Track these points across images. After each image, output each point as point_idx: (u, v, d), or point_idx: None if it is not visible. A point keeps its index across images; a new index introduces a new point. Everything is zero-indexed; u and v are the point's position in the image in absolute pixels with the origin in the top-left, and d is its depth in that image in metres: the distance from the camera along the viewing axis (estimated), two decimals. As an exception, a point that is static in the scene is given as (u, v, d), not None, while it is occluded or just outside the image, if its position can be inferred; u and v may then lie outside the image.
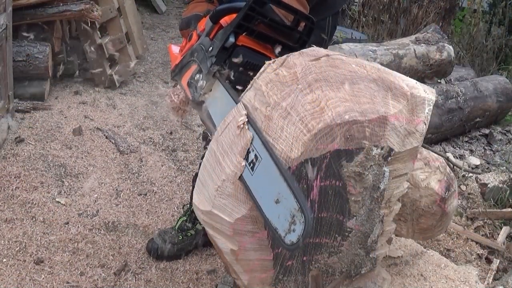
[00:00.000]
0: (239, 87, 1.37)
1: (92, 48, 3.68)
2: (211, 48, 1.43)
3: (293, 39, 1.45)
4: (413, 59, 3.85)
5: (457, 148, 3.94)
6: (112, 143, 3.12)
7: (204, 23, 1.53)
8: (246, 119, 1.22)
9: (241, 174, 1.22)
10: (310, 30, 1.43)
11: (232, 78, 1.39)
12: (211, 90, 1.43)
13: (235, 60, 1.41)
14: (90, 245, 2.27)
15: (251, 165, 1.20)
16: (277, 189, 1.16)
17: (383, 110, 1.23)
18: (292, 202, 1.14)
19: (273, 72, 1.25)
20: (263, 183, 1.19)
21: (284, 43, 1.45)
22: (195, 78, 1.45)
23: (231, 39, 1.39)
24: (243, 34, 1.41)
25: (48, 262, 2.13)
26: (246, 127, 1.22)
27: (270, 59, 1.35)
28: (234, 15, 1.42)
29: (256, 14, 1.38)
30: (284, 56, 1.29)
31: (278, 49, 1.45)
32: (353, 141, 1.20)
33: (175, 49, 1.68)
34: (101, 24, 3.81)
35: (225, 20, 1.45)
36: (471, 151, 3.93)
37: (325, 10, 1.80)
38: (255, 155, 1.20)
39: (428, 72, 3.96)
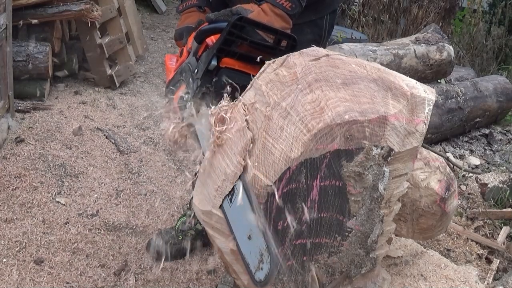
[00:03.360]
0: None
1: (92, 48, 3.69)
2: (196, 70, 1.45)
3: (276, 57, 1.46)
4: (413, 59, 3.85)
5: (457, 148, 3.94)
6: (112, 143, 3.12)
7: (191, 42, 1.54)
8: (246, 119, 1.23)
9: (221, 203, 1.24)
10: (292, 47, 1.44)
11: (218, 100, 1.40)
12: (198, 111, 1.44)
13: (220, 82, 1.42)
14: (90, 245, 2.27)
15: (230, 196, 1.22)
16: (249, 226, 1.19)
17: (383, 110, 1.23)
18: (261, 241, 1.17)
19: (273, 72, 1.25)
20: (238, 217, 1.22)
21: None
22: (184, 98, 1.47)
23: (214, 63, 1.42)
24: (226, 56, 1.42)
25: (48, 262, 2.13)
26: (246, 127, 1.22)
27: None
28: (219, 35, 1.43)
29: (235, 38, 1.40)
30: (284, 56, 1.29)
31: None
32: (353, 141, 1.20)
33: (171, 60, 1.68)
34: (101, 24, 3.81)
35: (210, 39, 1.46)
36: (471, 151, 3.93)
37: (323, 8, 1.79)
38: (233, 187, 1.22)
39: (428, 72, 3.97)
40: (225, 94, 1.33)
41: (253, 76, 1.42)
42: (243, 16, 1.40)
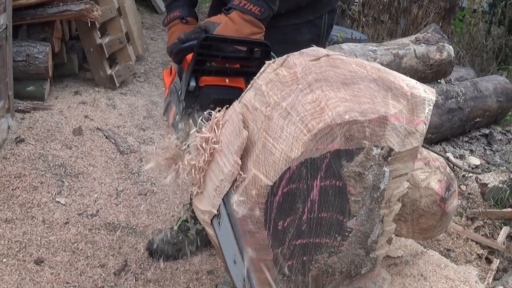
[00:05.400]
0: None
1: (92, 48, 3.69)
2: (180, 92, 1.45)
3: (252, 65, 1.46)
4: (413, 59, 3.85)
5: (457, 148, 3.94)
6: (112, 143, 3.12)
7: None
8: (242, 118, 1.23)
9: (211, 220, 1.26)
10: (266, 53, 1.43)
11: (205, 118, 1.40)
12: (190, 131, 1.44)
13: (203, 100, 1.42)
14: (90, 245, 2.27)
15: (218, 219, 1.24)
16: (233, 251, 1.21)
17: (383, 110, 1.23)
18: (243, 267, 1.19)
19: (273, 72, 1.25)
20: (225, 240, 1.24)
21: (245, 71, 1.46)
22: (176, 119, 1.47)
23: (192, 83, 1.42)
24: (203, 74, 1.43)
25: (48, 262, 2.13)
26: (242, 126, 1.22)
27: (239, 89, 1.38)
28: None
29: (206, 57, 1.39)
30: (285, 56, 1.29)
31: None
32: (353, 141, 1.20)
33: (167, 76, 1.68)
34: (101, 24, 3.81)
35: (189, 58, 1.45)
36: (471, 151, 3.93)
37: (321, 7, 1.79)
38: (219, 211, 1.23)
39: (428, 72, 3.97)
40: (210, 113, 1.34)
41: (235, 87, 1.43)
42: (209, 36, 1.39)
